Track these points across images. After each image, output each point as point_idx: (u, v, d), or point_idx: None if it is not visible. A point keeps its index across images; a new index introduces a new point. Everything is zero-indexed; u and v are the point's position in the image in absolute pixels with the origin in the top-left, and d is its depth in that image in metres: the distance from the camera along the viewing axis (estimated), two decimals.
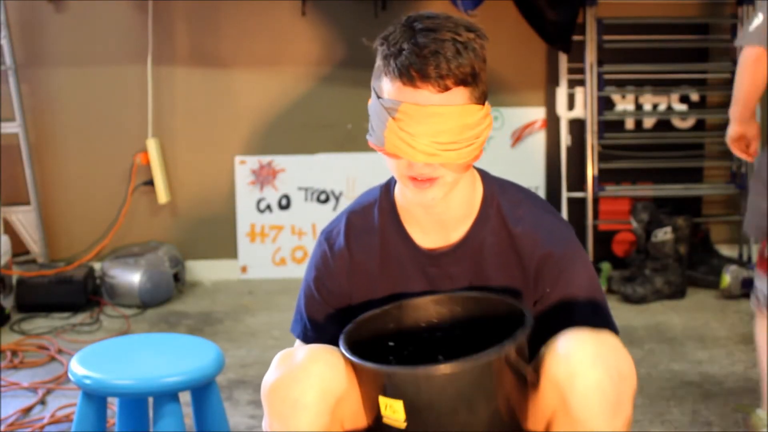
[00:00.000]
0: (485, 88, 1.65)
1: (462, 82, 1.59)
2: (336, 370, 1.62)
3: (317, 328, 1.84)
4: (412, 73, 1.57)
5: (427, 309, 1.75)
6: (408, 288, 1.78)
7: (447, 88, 1.58)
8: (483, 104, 1.64)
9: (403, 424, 1.54)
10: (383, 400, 1.56)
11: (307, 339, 1.85)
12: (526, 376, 1.59)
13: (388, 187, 1.82)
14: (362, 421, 1.67)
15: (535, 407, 1.64)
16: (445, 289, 1.77)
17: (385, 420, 1.57)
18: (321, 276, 1.82)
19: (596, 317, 1.74)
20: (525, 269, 1.74)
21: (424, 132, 1.58)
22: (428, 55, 1.57)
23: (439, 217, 1.74)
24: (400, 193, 1.78)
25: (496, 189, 1.77)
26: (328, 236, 1.83)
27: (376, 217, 1.80)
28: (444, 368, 1.51)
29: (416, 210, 1.75)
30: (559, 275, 1.73)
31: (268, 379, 1.65)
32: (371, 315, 1.72)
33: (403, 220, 1.78)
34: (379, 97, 1.63)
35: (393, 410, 1.55)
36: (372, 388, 1.59)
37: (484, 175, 1.79)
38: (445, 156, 1.60)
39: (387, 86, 1.62)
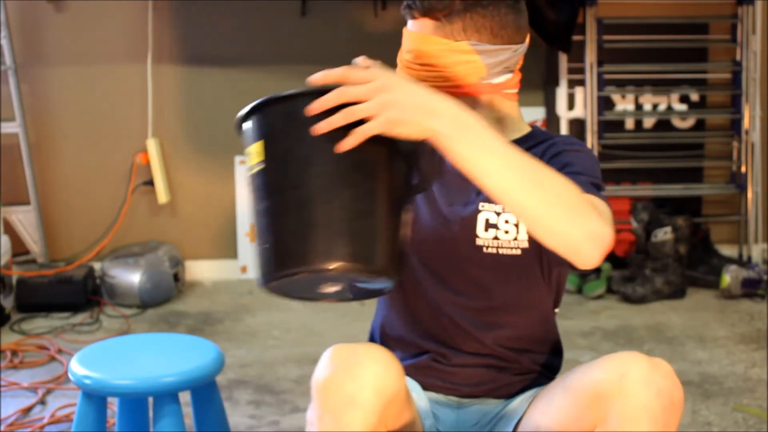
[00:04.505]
0: None
1: None
2: (390, 370, 1.59)
3: None
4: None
5: None
6: None
7: None
8: None
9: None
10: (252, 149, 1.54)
11: None
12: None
13: None
14: (404, 422, 1.66)
15: (578, 422, 1.61)
16: None
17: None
18: None
19: (586, 178, 1.67)
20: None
21: None
22: None
23: None
24: None
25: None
26: None
27: None
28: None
29: None
30: (562, 152, 1.73)
31: (322, 373, 1.59)
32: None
33: None
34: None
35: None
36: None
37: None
38: None
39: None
